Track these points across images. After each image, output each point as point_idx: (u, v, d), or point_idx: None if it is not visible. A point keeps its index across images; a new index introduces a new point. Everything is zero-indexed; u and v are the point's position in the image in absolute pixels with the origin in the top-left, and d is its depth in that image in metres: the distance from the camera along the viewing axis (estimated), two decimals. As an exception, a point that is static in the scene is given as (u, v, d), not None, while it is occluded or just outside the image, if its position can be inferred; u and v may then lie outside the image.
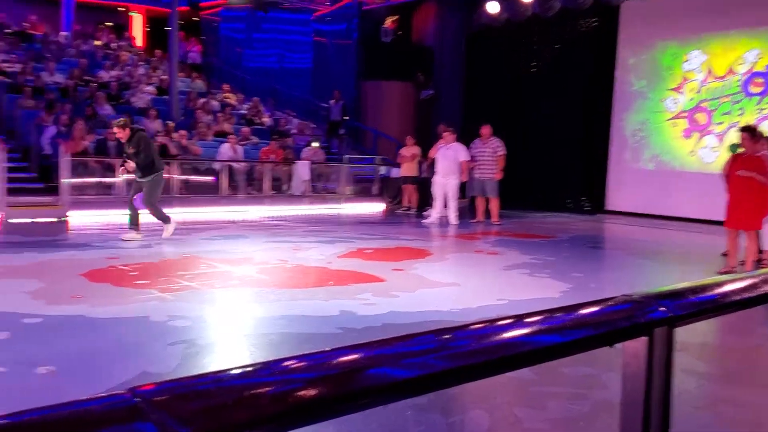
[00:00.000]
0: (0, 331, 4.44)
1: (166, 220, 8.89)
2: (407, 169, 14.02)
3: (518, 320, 1.15)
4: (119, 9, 23.41)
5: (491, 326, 1.13)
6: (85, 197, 11.49)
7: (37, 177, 12.50)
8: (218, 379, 0.83)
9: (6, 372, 3.70)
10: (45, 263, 6.94)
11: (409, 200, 14.21)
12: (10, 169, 11.11)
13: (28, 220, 10.27)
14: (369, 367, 0.94)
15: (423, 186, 13.43)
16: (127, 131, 8.65)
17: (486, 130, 12.32)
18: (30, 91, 13.84)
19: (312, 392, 0.86)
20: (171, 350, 4.19)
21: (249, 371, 0.89)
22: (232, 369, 0.87)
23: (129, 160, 8.68)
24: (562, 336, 1.13)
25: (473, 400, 3.54)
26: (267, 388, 0.84)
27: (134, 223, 8.74)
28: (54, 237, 8.96)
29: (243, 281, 6.37)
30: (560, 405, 3.52)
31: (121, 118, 9.26)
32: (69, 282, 6.04)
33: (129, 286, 5.95)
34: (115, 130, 8.88)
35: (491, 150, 12.18)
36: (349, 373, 0.92)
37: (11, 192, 10.66)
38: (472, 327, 1.11)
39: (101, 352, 4.13)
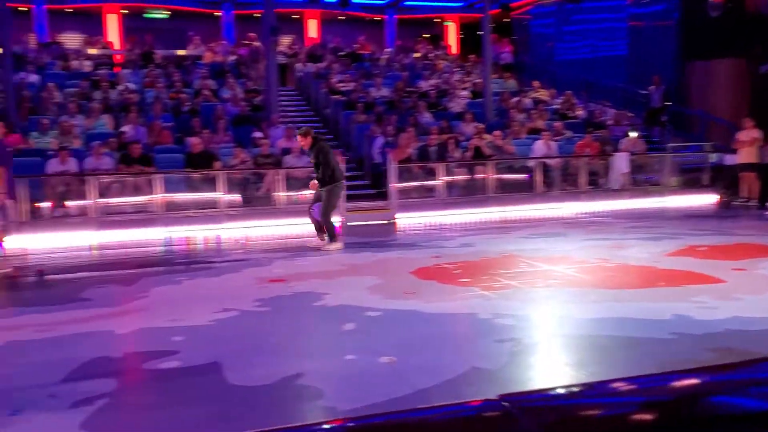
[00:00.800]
0: (347, 322, 4.99)
1: (333, 237, 8.58)
2: (746, 155, 12.56)
3: None
4: (435, 20, 24.83)
5: None
6: (409, 200, 12.39)
7: (370, 184, 13.84)
8: (578, 393, 0.82)
9: (355, 360, 4.13)
10: (379, 261, 7.63)
11: (749, 190, 12.71)
12: (348, 178, 12.43)
13: (363, 223, 11.40)
14: (710, 395, 0.85)
15: (766, 173, 11.91)
16: (309, 140, 8.54)
17: None
18: (362, 107, 15.35)
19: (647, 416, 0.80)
20: (498, 347, 4.29)
21: (584, 390, 0.86)
22: (577, 385, 0.85)
23: (313, 181, 8.60)
24: None
25: None
26: (599, 410, 0.80)
27: (321, 230, 8.73)
28: (385, 237, 9.81)
29: (563, 280, 6.28)
30: None
31: (304, 127, 9.22)
32: (401, 279, 6.55)
33: (454, 283, 6.25)
34: (299, 138, 8.80)
35: None
36: (687, 400, 0.84)
37: (349, 198, 11.96)
38: None
39: (434, 346, 4.40)
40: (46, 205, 10.75)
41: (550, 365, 4.06)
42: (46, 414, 3.43)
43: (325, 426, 0.81)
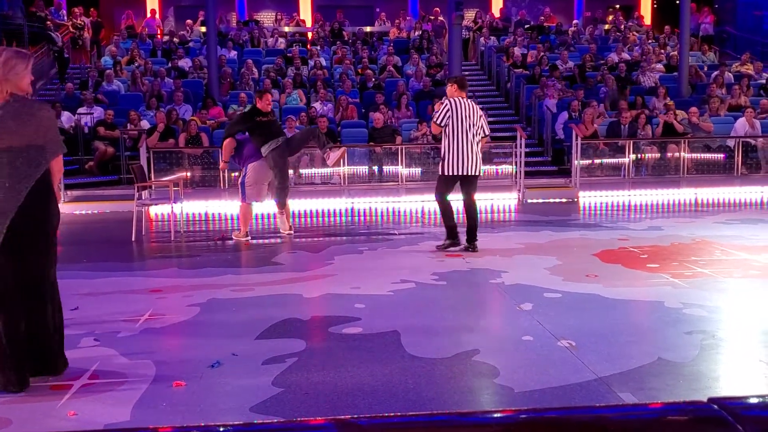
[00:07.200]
0: (525, 302, 4.93)
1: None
2: None
3: None
4: (628, -10, 23.39)
5: None
6: (593, 178, 11.90)
7: (550, 160, 13.47)
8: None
9: (532, 341, 4.08)
10: (560, 241, 7.42)
11: None
12: (527, 154, 12.18)
13: (543, 201, 11.13)
14: None
15: None
16: None
17: None
18: (544, 81, 14.89)
19: None
20: (687, 339, 4.04)
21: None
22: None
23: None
24: None
25: None
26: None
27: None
28: (566, 217, 9.50)
29: (764, 271, 5.75)
30: None
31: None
32: (583, 261, 6.33)
33: (640, 268, 5.95)
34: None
35: None
36: None
37: (528, 175, 11.71)
38: None
39: (616, 332, 4.23)
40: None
41: (745, 362, 3.75)
42: (241, 368, 3.73)
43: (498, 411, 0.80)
